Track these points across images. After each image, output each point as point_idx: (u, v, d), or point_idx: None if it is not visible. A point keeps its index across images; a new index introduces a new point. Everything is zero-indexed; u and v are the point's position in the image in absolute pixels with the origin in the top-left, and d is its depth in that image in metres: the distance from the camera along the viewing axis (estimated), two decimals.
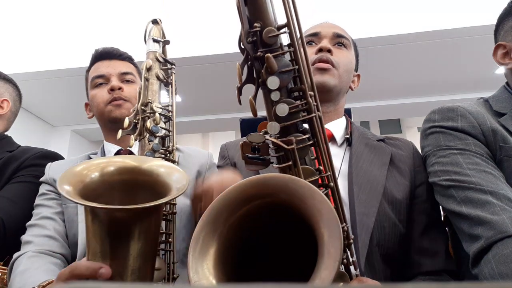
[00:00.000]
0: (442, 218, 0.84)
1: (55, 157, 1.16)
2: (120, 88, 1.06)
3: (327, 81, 0.88)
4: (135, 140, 0.77)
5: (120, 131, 0.76)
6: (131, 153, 1.10)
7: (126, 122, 0.77)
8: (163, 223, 0.73)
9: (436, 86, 3.73)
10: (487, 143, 0.73)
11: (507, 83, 0.86)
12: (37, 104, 3.84)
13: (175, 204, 0.75)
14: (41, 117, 4.28)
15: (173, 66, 0.90)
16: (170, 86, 0.89)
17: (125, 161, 0.64)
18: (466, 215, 0.65)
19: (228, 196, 0.45)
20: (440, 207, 0.81)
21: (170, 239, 0.72)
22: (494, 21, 0.91)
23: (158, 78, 0.85)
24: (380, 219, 0.75)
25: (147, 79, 0.84)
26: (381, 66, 3.32)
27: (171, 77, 0.89)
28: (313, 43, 0.94)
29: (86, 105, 1.16)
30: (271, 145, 0.50)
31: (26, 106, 3.92)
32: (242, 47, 0.50)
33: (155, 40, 0.88)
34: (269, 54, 0.47)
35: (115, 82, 1.06)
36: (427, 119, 0.83)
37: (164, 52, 0.90)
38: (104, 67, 1.09)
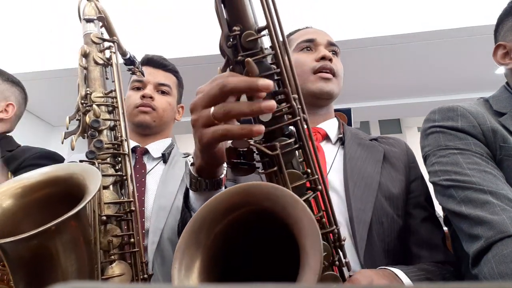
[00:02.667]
0: (442, 218, 0.85)
1: (54, 157, 1.16)
2: (151, 97, 1.13)
3: (332, 90, 0.92)
4: (84, 138, 0.71)
5: (63, 133, 0.71)
6: (146, 151, 1.14)
7: (67, 121, 0.71)
8: (123, 224, 0.68)
9: (436, 86, 3.73)
10: (487, 143, 0.73)
11: (507, 83, 0.86)
12: (37, 104, 3.85)
13: (132, 201, 0.69)
14: (41, 117, 4.28)
15: (113, 43, 0.79)
16: (111, 67, 0.78)
17: (33, 176, 0.59)
18: (466, 215, 0.65)
19: (212, 204, 0.44)
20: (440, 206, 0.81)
21: (132, 239, 0.67)
22: (494, 21, 0.91)
23: (96, 63, 0.76)
24: (378, 214, 0.77)
25: (85, 68, 0.75)
26: (381, 66, 3.32)
27: (111, 58, 0.78)
28: (310, 50, 0.95)
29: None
30: (255, 151, 0.49)
31: (26, 106, 3.92)
32: (223, 51, 0.49)
33: (88, 20, 0.77)
34: (249, 59, 0.46)
35: (148, 90, 1.14)
36: (427, 119, 0.83)
37: (108, 25, 0.79)
38: (146, 73, 1.15)
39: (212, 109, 0.46)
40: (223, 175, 0.59)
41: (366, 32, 2.86)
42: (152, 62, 1.19)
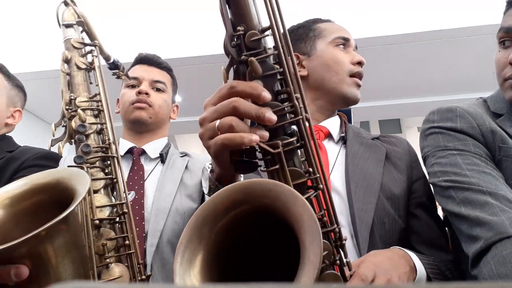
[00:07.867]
0: (442, 219, 0.85)
1: (54, 157, 1.16)
2: (147, 94, 1.12)
3: (359, 98, 0.93)
4: (71, 144, 0.71)
5: (50, 140, 0.70)
6: (143, 151, 1.13)
7: (53, 128, 0.70)
8: (116, 227, 0.68)
9: (436, 86, 3.73)
10: (486, 144, 0.73)
11: None
12: (37, 104, 3.85)
13: (124, 203, 0.69)
14: (41, 117, 4.29)
15: (94, 47, 0.79)
16: (94, 71, 0.78)
17: (20, 185, 0.59)
18: (465, 216, 0.65)
19: (214, 201, 0.44)
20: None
21: (127, 242, 0.66)
22: (494, 21, 0.91)
23: (79, 68, 0.76)
24: (380, 215, 0.77)
25: (68, 74, 0.75)
26: (381, 66, 3.32)
27: (93, 62, 0.78)
28: (344, 48, 0.94)
29: (118, 100, 1.23)
30: (258, 149, 0.50)
31: (26, 106, 3.91)
32: (227, 50, 0.49)
33: (67, 26, 0.77)
34: (252, 58, 0.46)
35: (144, 86, 1.14)
36: (426, 119, 0.83)
37: (89, 29, 0.78)
38: (141, 71, 1.17)
39: (218, 122, 0.48)
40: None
41: (366, 32, 2.87)
42: (147, 60, 1.19)
